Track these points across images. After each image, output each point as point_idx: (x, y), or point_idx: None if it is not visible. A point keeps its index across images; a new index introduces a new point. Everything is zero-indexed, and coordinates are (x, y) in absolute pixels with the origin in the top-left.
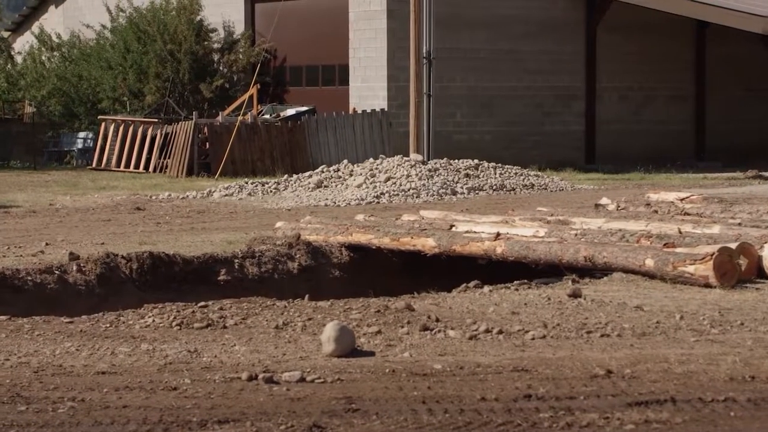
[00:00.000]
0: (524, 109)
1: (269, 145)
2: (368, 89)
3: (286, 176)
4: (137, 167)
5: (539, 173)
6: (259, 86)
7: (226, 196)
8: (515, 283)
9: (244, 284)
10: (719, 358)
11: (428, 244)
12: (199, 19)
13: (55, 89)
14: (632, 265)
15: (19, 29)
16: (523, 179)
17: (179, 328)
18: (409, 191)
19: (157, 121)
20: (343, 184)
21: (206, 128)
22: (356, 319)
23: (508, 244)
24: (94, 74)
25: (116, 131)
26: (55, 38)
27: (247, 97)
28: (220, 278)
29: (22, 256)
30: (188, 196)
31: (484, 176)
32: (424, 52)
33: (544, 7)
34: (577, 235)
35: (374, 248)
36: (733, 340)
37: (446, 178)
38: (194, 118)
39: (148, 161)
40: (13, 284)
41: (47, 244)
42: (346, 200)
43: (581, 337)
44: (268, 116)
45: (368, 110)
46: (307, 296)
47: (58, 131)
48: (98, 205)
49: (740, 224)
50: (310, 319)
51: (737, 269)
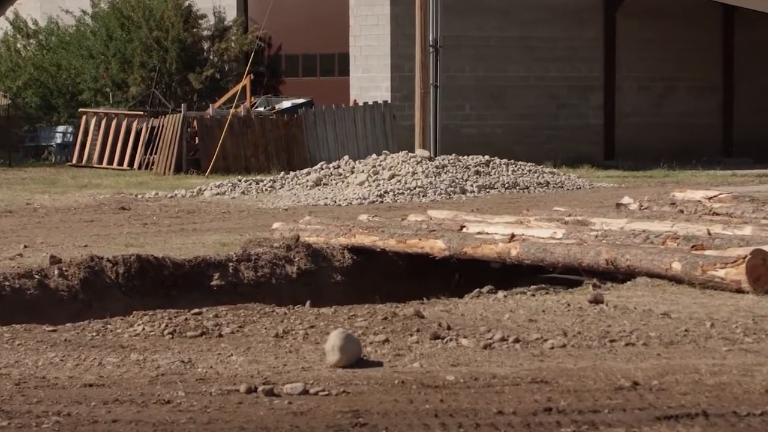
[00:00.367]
0: (538, 101)
1: (263, 140)
2: (370, 80)
3: (282, 173)
4: (121, 164)
5: (554, 170)
6: (252, 77)
7: (217, 194)
8: (532, 288)
9: (239, 289)
10: (754, 368)
11: (437, 246)
12: (187, 4)
13: (31, 80)
14: (658, 268)
15: None
16: (537, 177)
17: (171, 336)
18: (414, 190)
19: (142, 114)
20: (343, 182)
21: (196, 122)
22: (362, 326)
23: (523, 246)
24: (74, 63)
25: (98, 125)
26: (31, 24)
27: (239, 88)
28: (213, 283)
29: None
30: (177, 194)
31: (495, 173)
32: (430, 39)
33: None
34: (597, 236)
35: (379, 251)
36: None
37: (455, 175)
38: (183, 110)
39: (132, 157)
40: None
41: (25, 246)
42: (347, 199)
43: (604, 346)
44: (262, 109)
45: (370, 102)
46: (308, 302)
47: (34, 125)
48: (80, 204)
49: None
50: (312, 326)
51: None
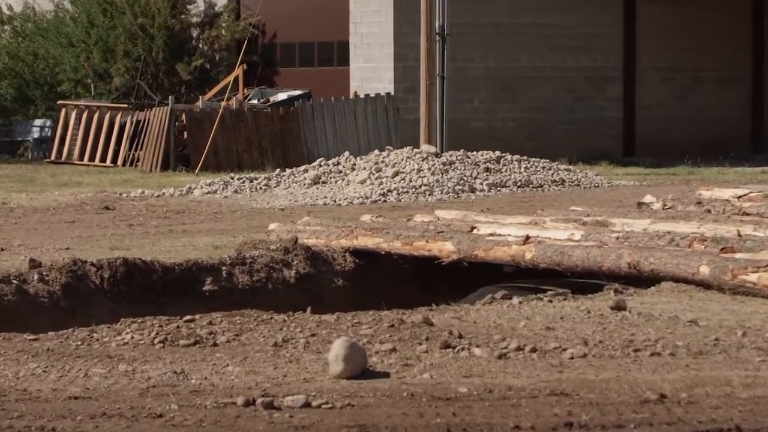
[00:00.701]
0: (552, 93)
1: (257, 134)
2: (372, 70)
3: (277, 171)
4: (104, 160)
5: (570, 167)
6: (245, 67)
7: (208, 193)
8: (549, 293)
9: (233, 295)
10: None
11: (446, 248)
12: None
13: (6, 69)
14: (684, 273)
15: None
16: (552, 174)
17: (162, 345)
18: (420, 188)
19: (126, 106)
20: (344, 179)
21: (184, 115)
22: (367, 335)
23: (539, 248)
24: (52, 52)
25: (79, 118)
26: (5, 10)
27: (231, 79)
28: (205, 288)
29: None
30: (164, 193)
31: (506, 171)
32: (436, 27)
33: None
34: (618, 238)
35: (383, 253)
36: None
37: (463, 172)
38: (170, 103)
39: (116, 153)
40: None
41: (2, 249)
42: (347, 198)
43: (628, 356)
44: (255, 101)
45: (372, 94)
46: (309, 309)
47: (9, 118)
48: (60, 204)
49: None
50: (313, 335)
51: None
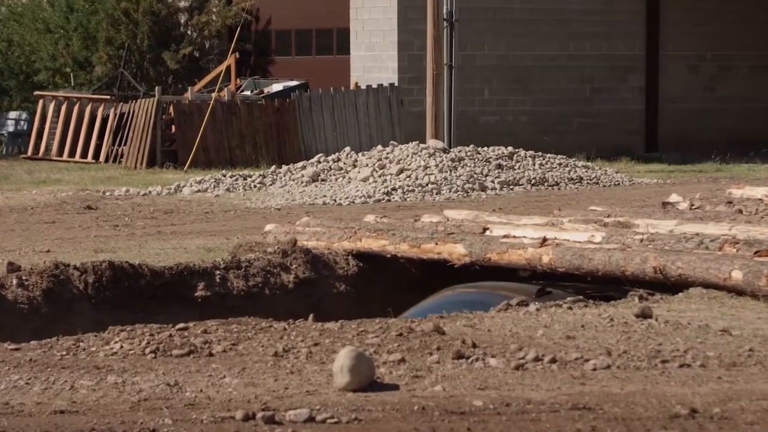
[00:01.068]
0: (569, 83)
1: (251, 128)
2: (374, 59)
3: (273, 168)
4: (85, 156)
5: (588, 164)
6: (237, 55)
7: (198, 192)
8: (569, 299)
9: (227, 301)
10: None
11: (457, 251)
12: None
13: None
14: (715, 278)
15: None
16: (568, 171)
17: (154, 356)
18: (427, 186)
19: (109, 98)
20: (344, 177)
21: (172, 108)
22: (373, 344)
23: (556, 251)
24: (28, 39)
25: (57, 111)
26: None
27: (223, 68)
28: (197, 294)
29: None
30: (151, 192)
31: (520, 167)
32: (444, 12)
33: None
34: (642, 240)
35: (389, 257)
36: None
37: (473, 169)
38: (157, 94)
39: (98, 148)
40: None
41: None
42: (349, 197)
43: (655, 367)
44: (248, 93)
45: (374, 85)
46: (311, 316)
47: None
48: (38, 203)
49: None
50: (316, 344)
51: None
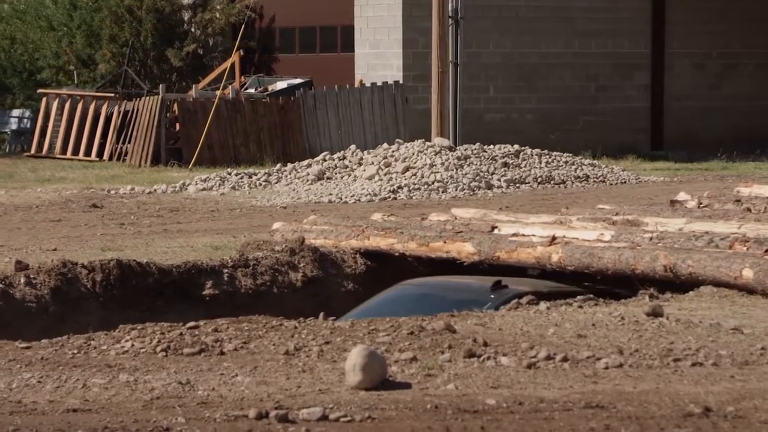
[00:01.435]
0: (574, 81)
1: (255, 126)
2: (378, 57)
3: (278, 166)
4: (88, 154)
5: (595, 162)
6: (242, 53)
7: (204, 190)
8: (579, 298)
9: (235, 300)
10: None
11: (465, 250)
12: None
13: None
14: (725, 276)
15: None
16: (575, 169)
17: (165, 354)
18: (433, 184)
19: (113, 96)
20: (350, 175)
21: (176, 105)
22: (385, 342)
23: (566, 250)
24: (31, 36)
25: (61, 109)
26: None
27: (227, 66)
28: (205, 292)
29: None
30: (156, 190)
31: (526, 165)
32: (449, 9)
33: None
34: (652, 239)
35: (397, 255)
36: None
37: (479, 167)
38: (161, 92)
39: (102, 147)
40: None
41: None
42: (354, 195)
43: (667, 366)
44: (253, 91)
45: (379, 83)
46: (322, 314)
47: None
48: (43, 201)
49: None
50: (327, 342)
51: None
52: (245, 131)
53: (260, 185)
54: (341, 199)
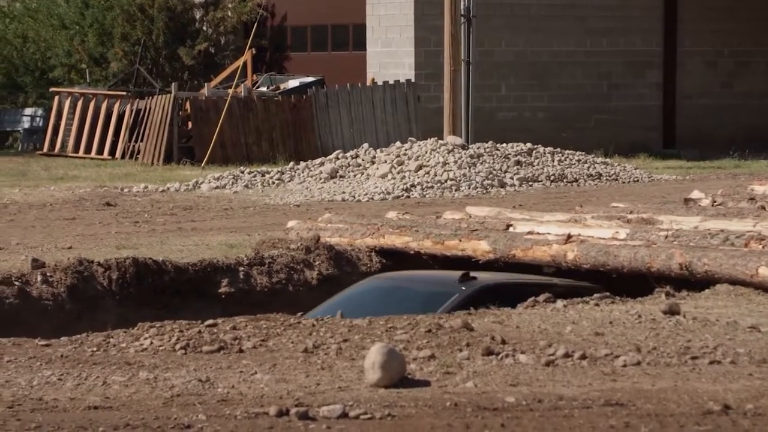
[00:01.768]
0: (586, 79)
1: (267, 125)
2: (390, 55)
3: (291, 164)
4: (101, 152)
5: (607, 160)
6: (254, 51)
7: (217, 188)
8: (596, 296)
9: (251, 297)
10: None
11: (481, 248)
12: None
13: None
14: (741, 274)
15: None
16: (587, 168)
17: (184, 352)
18: (446, 183)
19: (125, 94)
20: (363, 174)
21: (188, 104)
22: (402, 340)
23: (581, 248)
24: (43, 35)
25: (73, 107)
26: None
27: (239, 64)
28: (221, 290)
29: None
30: (169, 188)
31: (539, 164)
32: (462, 8)
33: None
34: (667, 237)
35: (412, 253)
36: None
37: (492, 166)
38: (173, 90)
39: (114, 145)
40: None
41: (0, 248)
42: (367, 194)
43: (685, 363)
44: (265, 89)
45: (391, 82)
46: (339, 312)
47: None
48: (57, 199)
49: None
50: (345, 340)
51: None
52: (257, 130)
53: (273, 183)
54: (354, 197)
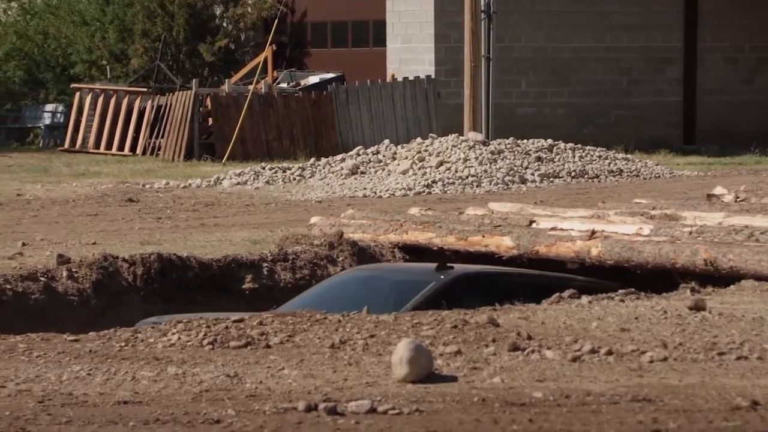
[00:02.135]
0: (606, 75)
1: (288, 121)
2: (410, 51)
3: (312, 160)
4: (122, 149)
5: (628, 156)
6: (274, 47)
7: (238, 184)
8: (621, 292)
9: (274, 293)
10: None
11: (504, 244)
12: None
13: (13, 50)
14: (767, 270)
15: None
16: (608, 164)
17: (212, 347)
18: (467, 179)
19: (145, 90)
20: (384, 170)
21: (209, 100)
22: (429, 336)
23: (605, 244)
24: (64, 31)
25: (94, 103)
26: None
27: (260, 60)
28: (245, 286)
29: None
30: (191, 184)
31: (560, 160)
32: (482, 4)
33: None
34: (691, 233)
35: (435, 249)
36: None
37: (513, 162)
38: (194, 87)
39: (135, 141)
40: None
41: (24, 244)
42: (389, 190)
43: (712, 359)
44: (285, 85)
45: (411, 78)
46: (365, 308)
47: (18, 103)
48: (79, 195)
49: None
50: (372, 336)
51: None
52: (278, 126)
53: (294, 180)
54: (375, 193)
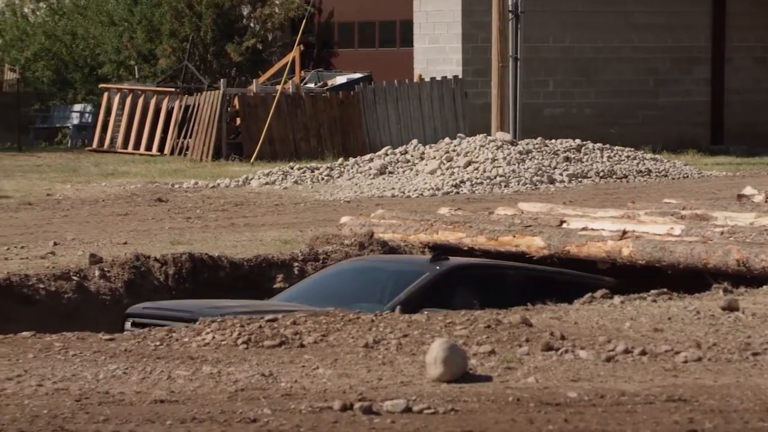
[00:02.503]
0: (633, 75)
1: (315, 121)
2: (438, 51)
3: (340, 160)
4: (150, 149)
5: (656, 156)
6: (302, 48)
7: (267, 184)
8: (653, 292)
9: None
10: None
11: (535, 244)
12: None
13: (42, 50)
14: None
15: None
16: (637, 164)
17: (246, 346)
18: (495, 179)
19: (173, 90)
20: (412, 170)
21: (237, 100)
22: (462, 336)
23: (637, 244)
24: (92, 31)
25: (122, 103)
26: None
27: (288, 60)
28: (276, 286)
29: (27, 258)
30: (219, 184)
31: (588, 160)
32: (509, 4)
33: None
34: (723, 233)
35: (465, 249)
36: None
37: (541, 162)
38: (222, 87)
39: (163, 141)
40: (21, 293)
41: (56, 243)
42: (417, 190)
43: (746, 359)
44: (312, 85)
45: (438, 78)
46: (398, 308)
47: (47, 103)
48: (108, 195)
49: None
50: (405, 335)
51: None
52: (305, 126)
53: (322, 179)
54: (404, 193)
